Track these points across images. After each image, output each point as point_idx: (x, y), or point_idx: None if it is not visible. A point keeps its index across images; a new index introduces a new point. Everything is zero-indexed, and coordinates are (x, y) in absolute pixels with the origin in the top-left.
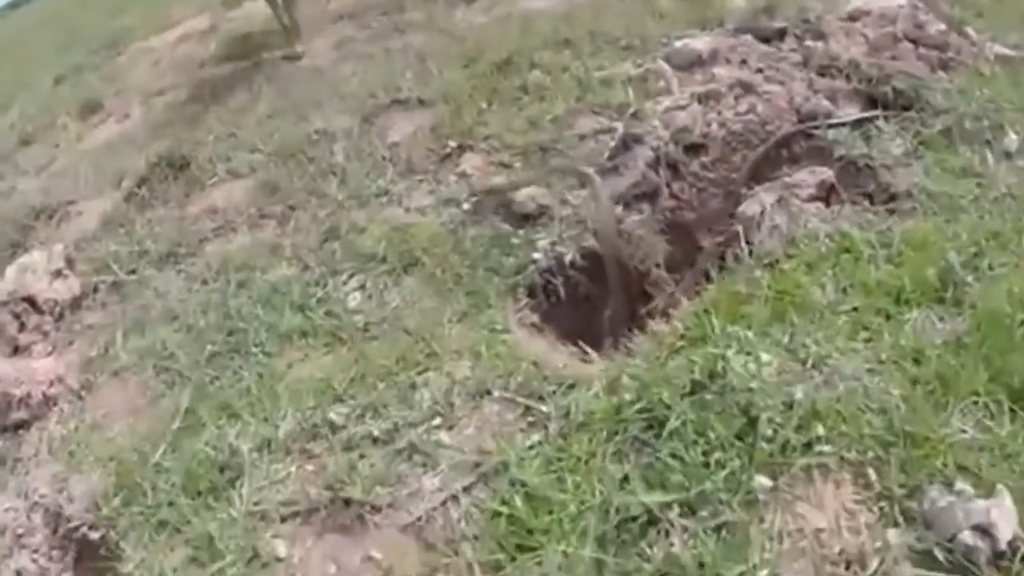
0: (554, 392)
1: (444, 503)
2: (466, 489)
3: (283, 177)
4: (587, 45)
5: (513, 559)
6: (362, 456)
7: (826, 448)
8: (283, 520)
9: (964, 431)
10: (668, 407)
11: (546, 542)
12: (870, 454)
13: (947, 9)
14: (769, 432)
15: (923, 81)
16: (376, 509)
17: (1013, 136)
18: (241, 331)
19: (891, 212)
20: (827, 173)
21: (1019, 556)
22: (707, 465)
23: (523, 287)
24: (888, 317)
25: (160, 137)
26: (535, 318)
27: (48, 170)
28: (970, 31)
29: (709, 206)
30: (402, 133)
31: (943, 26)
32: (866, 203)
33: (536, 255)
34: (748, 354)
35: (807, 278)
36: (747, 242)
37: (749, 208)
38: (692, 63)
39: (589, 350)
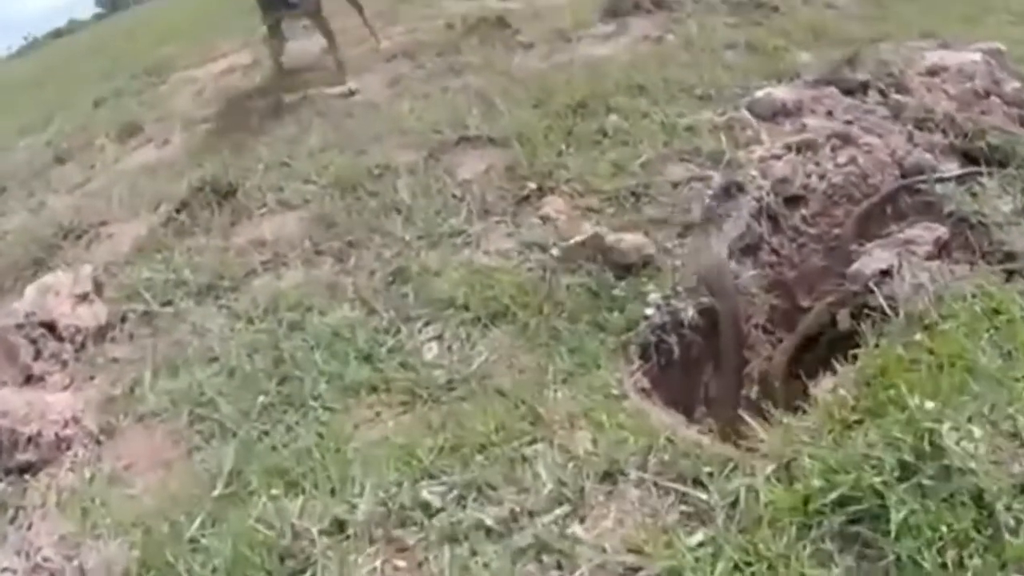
0: (711, 475)
1: None
2: None
3: (341, 211)
4: (662, 92)
5: None
6: (473, 552)
7: None
8: None
9: None
10: (880, 495)
11: None
12: None
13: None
14: (1011, 522)
15: (1017, 137)
16: None
17: None
18: (296, 379)
19: (1014, 272)
20: (941, 230)
21: None
22: (945, 566)
23: (636, 346)
24: None
25: (203, 163)
26: (645, 382)
27: (82, 189)
28: None
29: (810, 263)
30: (473, 171)
31: (1018, 84)
32: (982, 262)
33: (648, 310)
34: (955, 430)
35: (968, 341)
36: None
37: (866, 266)
38: (776, 113)
39: (706, 422)
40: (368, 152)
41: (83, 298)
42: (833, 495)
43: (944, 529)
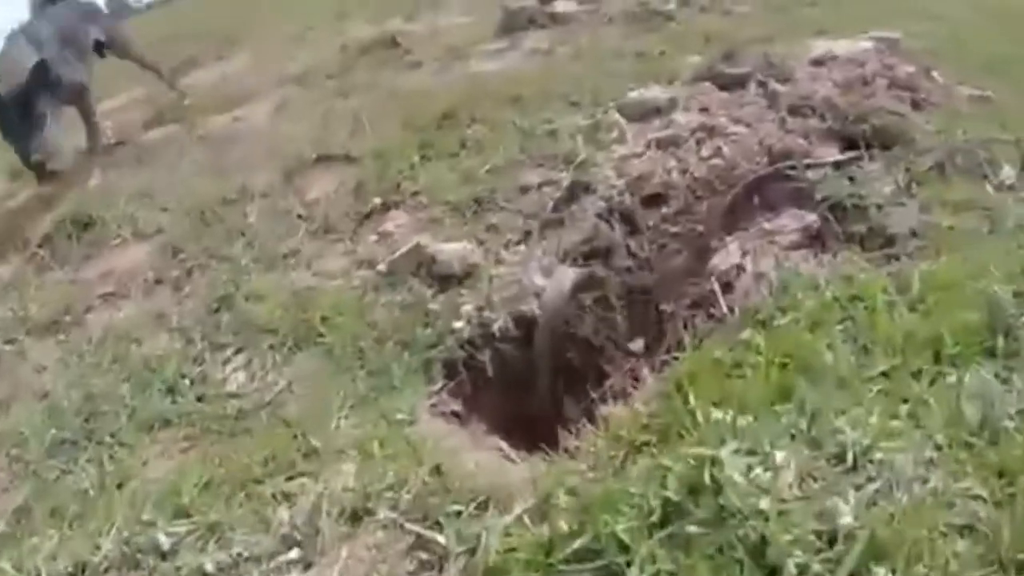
0: (459, 514)
1: None
2: None
3: (188, 238)
4: (535, 101)
5: None
6: None
7: None
8: None
9: None
10: (626, 548)
11: None
12: None
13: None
14: None
15: (904, 118)
16: None
17: (1009, 169)
18: (101, 415)
19: (894, 256)
20: (811, 217)
21: None
22: None
23: (439, 363)
24: (932, 382)
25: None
26: (456, 405)
27: None
28: (936, 75)
29: (673, 265)
30: (322, 190)
31: (911, 68)
32: (859, 248)
33: (457, 323)
34: (752, 453)
35: (812, 336)
36: (726, 296)
37: (723, 261)
38: (647, 113)
39: (510, 452)
40: (229, 177)
41: None
42: (576, 543)
43: None
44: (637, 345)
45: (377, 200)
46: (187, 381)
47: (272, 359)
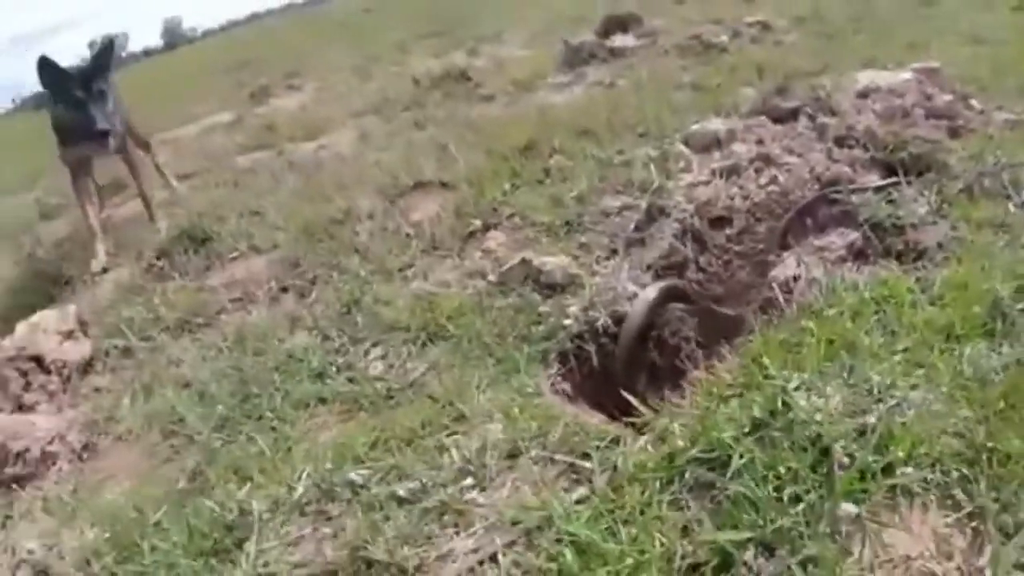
0: (597, 447)
1: (481, 563)
2: (507, 546)
3: (305, 253)
4: (605, 132)
5: None
6: (387, 517)
7: (908, 470)
8: None
9: None
10: (730, 447)
11: None
12: (955, 474)
13: (950, 84)
14: (845, 460)
15: (938, 144)
16: (402, 571)
17: None
18: (255, 396)
19: (923, 266)
20: (854, 235)
21: None
22: (781, 500)
23: (554, 353)
24: (942, 352)
25: (182, 215)
26: (567, 387)
27: (68, 241)
28: (974, 102)
29: (737, 277)
30: (425, 213)
31: (949, 96)
32: (895, 260)
33: (566, 321)
34: (809, 390)
35: (853, 324)
36: (786, 299)
37: (781, 272)
38: (709, 144)
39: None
40: (332, 200)
41: (68, 335)
42: (693, 451)
43: (782, 469)
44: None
45: (477, 221)
46: (333, 368)
47: (407, 351)
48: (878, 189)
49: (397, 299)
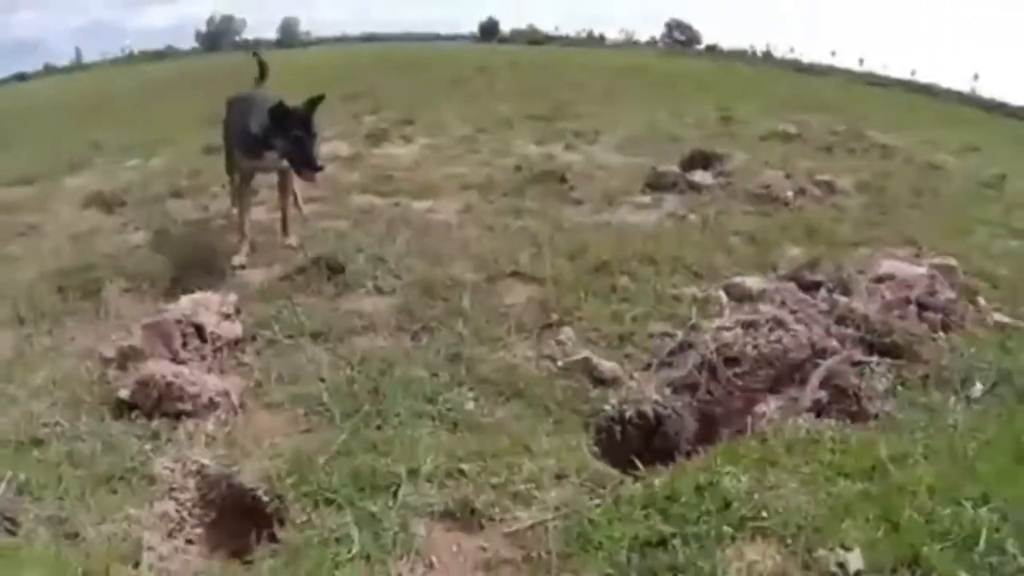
0: (604, 486)
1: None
2: (554, 517)
3: (419, 306)
4: (667, 266)
5: None
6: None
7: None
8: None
9: None
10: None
11: None
12: None
13: (964, 279)
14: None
15: (917, 337)
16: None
17: (979, 386)
18: (385, 400)
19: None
20: (821, 394)
21: None
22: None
23: (594, 425)
24: (827, 480)
25: (311, 240)
26: (597, 449)
27: (199, 226)
28: (981, 300)
29: (732, 405)
30: (517, 299)
31: (953, 294)
32: (847, 419)
33: (607, 407)
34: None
35: (784, 450)
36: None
37: (759, 409)
38: (743, 296)
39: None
40: (442, 265)
41: (226, 316)
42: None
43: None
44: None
45: (555, 316)
46: (440, 397)
47: (495, 399)
48: (855, 363)
49: (489, 360)
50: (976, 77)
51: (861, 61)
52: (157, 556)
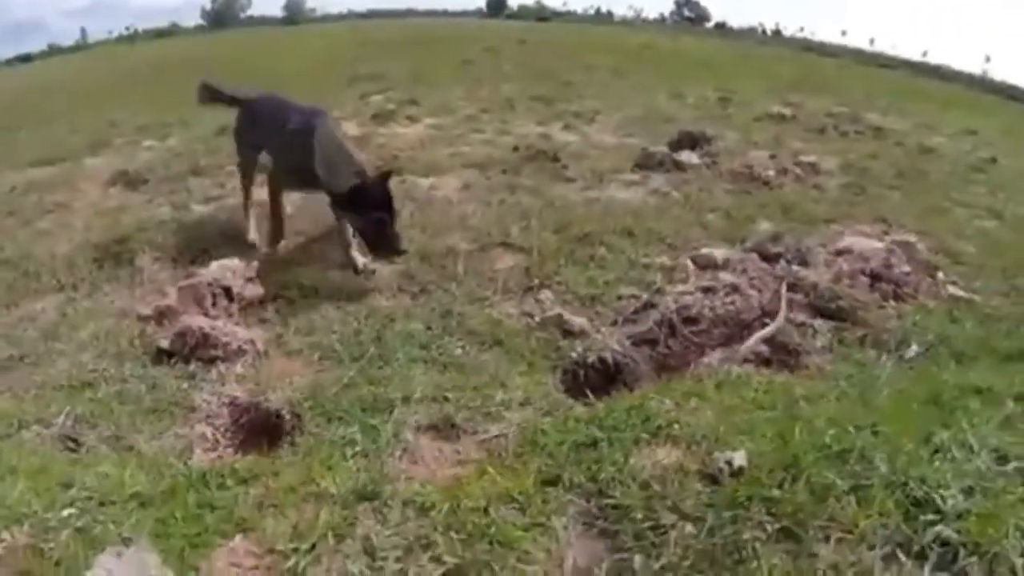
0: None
1: (497, 436)
2: (517, 426)
3: (419, 271)
4: (643, 238)
5: None
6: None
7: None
8: (417, 430)
9: None
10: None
11: None
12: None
13: (927, 255)
14: None
15: (863, 304)
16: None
17: (915, 347)
18: (387, 347)
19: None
20: (763, 348)
21: None
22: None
23: (560, 368)
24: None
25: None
26: (561, 387)
27: (218, 202)
28: (940, 274)
29: (687, 358)
30: (505, 265)
31: (908, 268)
32: (784, 371)
33: (573, 354)
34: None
35: (713, 387)
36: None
37: (709, 359)
38: (708, 265)
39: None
40: (440, 236)
41: (250, 279)
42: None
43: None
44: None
45: (536, 281)
46: (433, 345)
47: (479, 347)
48: (798, 324)
49: (477, 316)
50: (988, 59)
51: (872, 41)
52: (200, 459)
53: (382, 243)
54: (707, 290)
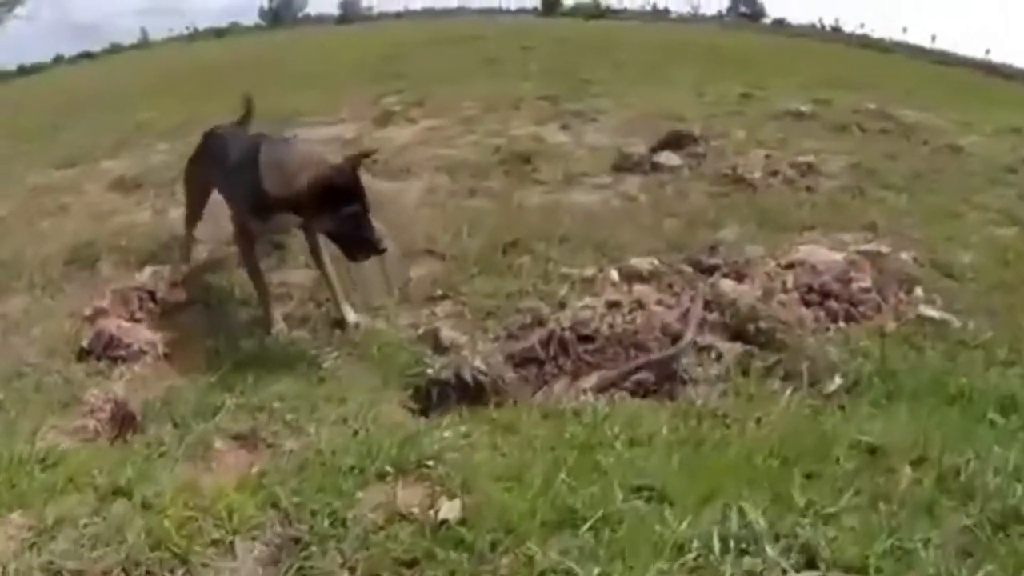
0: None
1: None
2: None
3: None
4: (578, 245)
5: None
6: None
7: None
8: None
9: None
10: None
11: None
12: None
13: (910, 267)
14: None
15: (786, 326)
16: None
17: (838, 380)
18: (264, 354)
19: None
20: (645, 375)
21: None
22: None
23: (413, 385)
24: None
25: None
26: (413, 405)
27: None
28: (918, 291)
29: (577, 376)
30: (419, 272)
31: (868, 283)
32: (663, 401)
33: (430, 370)
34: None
35: (538, 418)
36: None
37: (584, 384)
38: (633, 276)
39: None
40: None
41: (175, 284)
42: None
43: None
44: None
45: (439, 292)
46: (308, 356)
47: (349, 359)
48: (700, 349)
49: (365, 327)
50: None
51: (933, 38)
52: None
53: (360, 242)
54: (612, 305)
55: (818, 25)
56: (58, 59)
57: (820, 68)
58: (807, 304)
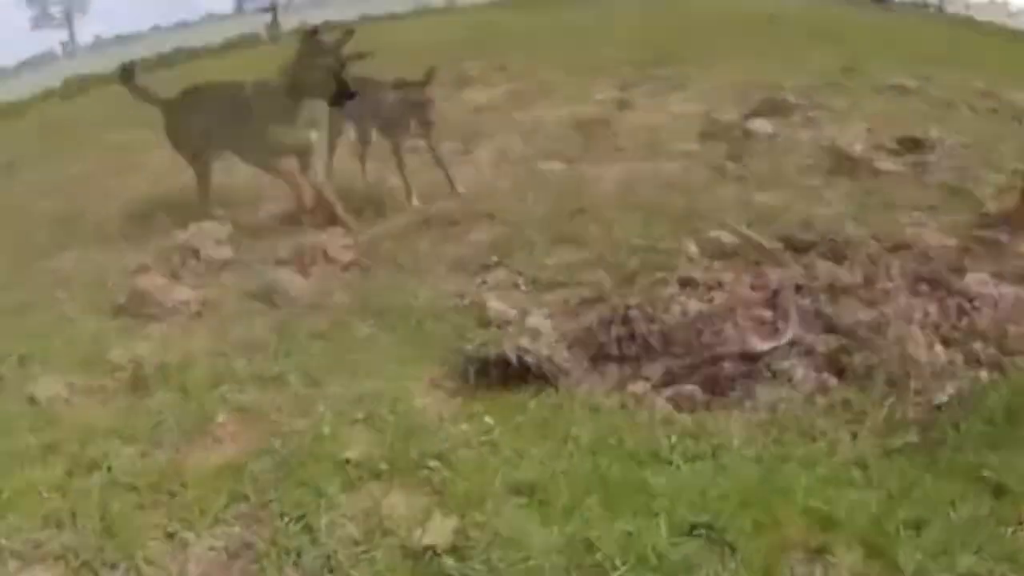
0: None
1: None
2: None
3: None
4: (655, 214)
5: None
6: None
7: None
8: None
9: None
10: None
11: None
12: None
13: None
14: None
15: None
16: None
17: (950, 389)
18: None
19: None
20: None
21: None
22: None
23: (451, 360)
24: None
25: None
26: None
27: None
28: None
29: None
30: (478, 238)
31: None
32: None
33: (468, 345)
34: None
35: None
36: None
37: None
38: (714, 251)
39: None
40: (434, 203)
41: (220, 242)
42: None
43: None
44: None
45: (495, 258)
46: (341, 325)
47: (388, 329)
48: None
49: (406, 294)
50: None
51: None
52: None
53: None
54: (687, 283)
55: (922, 3)
56: None
57: (922, 45)
58: (915, 294)
